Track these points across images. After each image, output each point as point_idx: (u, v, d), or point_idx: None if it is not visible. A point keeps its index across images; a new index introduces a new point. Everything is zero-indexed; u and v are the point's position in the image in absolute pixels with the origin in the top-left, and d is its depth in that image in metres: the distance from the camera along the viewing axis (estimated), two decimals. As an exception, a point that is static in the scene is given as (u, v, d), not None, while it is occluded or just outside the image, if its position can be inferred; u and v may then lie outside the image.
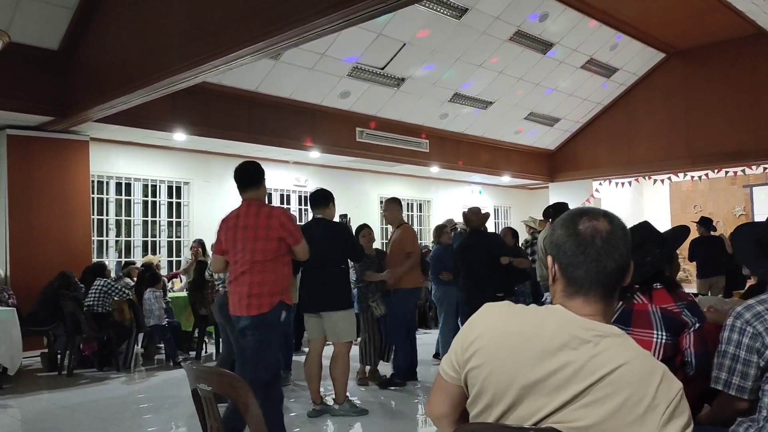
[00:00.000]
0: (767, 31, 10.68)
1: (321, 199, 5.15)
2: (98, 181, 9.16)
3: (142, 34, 6.53)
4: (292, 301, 4.15)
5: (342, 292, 5.04)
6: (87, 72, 7.35)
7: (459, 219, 9.62)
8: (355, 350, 5.53)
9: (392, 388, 6.05)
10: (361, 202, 12.28)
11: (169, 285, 8.60)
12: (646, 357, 1.33)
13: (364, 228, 6.58)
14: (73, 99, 7.43)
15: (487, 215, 6.82)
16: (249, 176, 4.00)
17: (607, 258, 1.37)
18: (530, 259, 7.79)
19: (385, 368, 6.37)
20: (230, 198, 6.31)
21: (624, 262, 1.40)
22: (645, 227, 2.77)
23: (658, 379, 1.27)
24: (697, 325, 2.46)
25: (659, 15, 10.30)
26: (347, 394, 5.13)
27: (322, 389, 5.21)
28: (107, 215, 9.36)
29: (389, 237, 6.74)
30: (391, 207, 6.43)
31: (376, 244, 7.56)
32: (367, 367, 6.31)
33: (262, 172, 4.04)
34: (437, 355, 7.35)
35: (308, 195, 5.19)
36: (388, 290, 6.16)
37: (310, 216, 11.12)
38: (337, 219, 5.69)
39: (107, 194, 9.35)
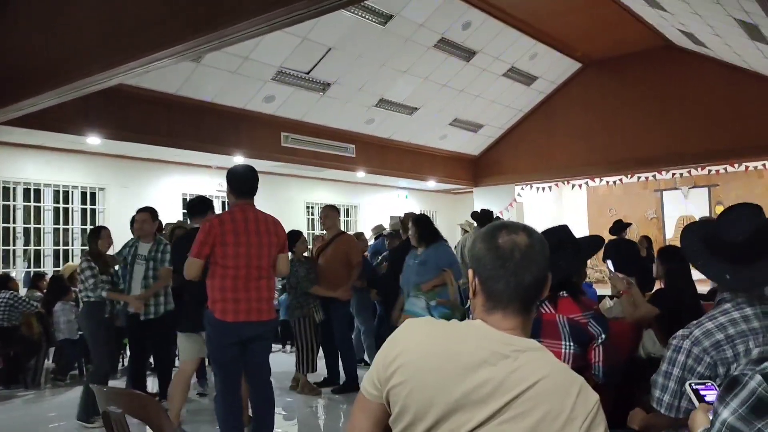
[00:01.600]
0: (675, 43, 11.29)
1: (199, 206, 4.91)
2: (4, 187, 8.64)
3: (54, 32, 6.18)
4: None
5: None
6: (-10, 72, 6.90)
7: (386, 224, 9.68)
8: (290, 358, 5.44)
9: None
10: (287, 208, 12.12)
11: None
12: (564, 371, 1.34)
13: (300, 236, 6.51)
14: (-25, 100, 6.97)
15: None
16: (257, 182, 4.07)
17: (524, 272, 1.37)
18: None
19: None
20: (149, 204, 6.07)
21: (542, 275, 1.41)
22: (562, 230, 2.82)
23: (576, 392, 1.29)
24: (603, 337, 2.51)
25: (575, 27, 10.69)
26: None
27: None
28: (14, 223, 8.83)
29: (321, 243, 6.64)
30: (332, 214, 6.45)
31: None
32: (301, 376, 6.27)
33: None
34: (361, 361, 7.36)
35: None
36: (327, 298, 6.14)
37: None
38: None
39: (15, 201, 8.83)
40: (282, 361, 8.13)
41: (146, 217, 5.55)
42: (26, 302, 6.90)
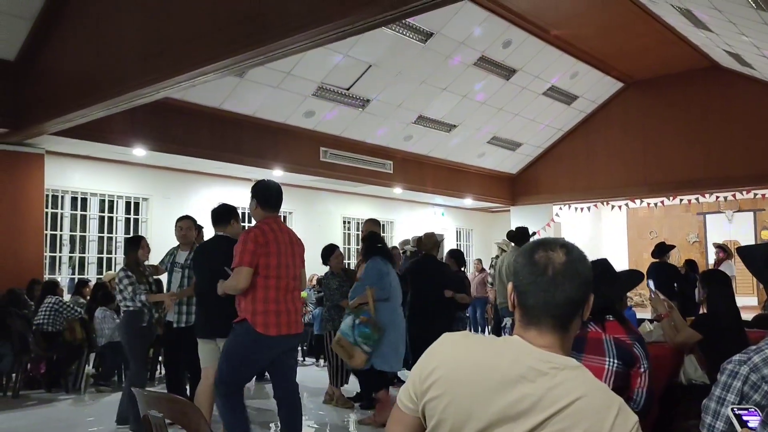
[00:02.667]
0: (720, 64, 11.09)
1: (224, 215, 4.81)
2: (53, 196, 8.92)
3: (104, 47, 6.41)
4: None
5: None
6: (44, 84, 7.18)
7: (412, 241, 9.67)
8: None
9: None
10: (323, 222, 12.23)
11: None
12: (603, 390, 1.33)
13: (335, 249, 6.53)
14: (28, 111, 7.24)
15: (437, 241, 6.87)
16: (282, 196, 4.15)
17: (556, 289, 1.36)
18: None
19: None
20: (191, 215, 6.19)
21: (577, 294, 1.37)
22: (601, 264, 2.82)
23: (615, 413, 1.28)
24: (646, 364, 2.55)
25: (617, 46, 10.60)
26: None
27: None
28: (61, 230, 9.11)
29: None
30: (373, 228, 6.40)
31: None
32: (335, 389, 6.27)
33: None
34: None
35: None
36: None
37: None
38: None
39: (62, 209, 9.11)
40: (314, 375, 8.15)
41: (190, 224, 5.64)
42: (71, 308, 7.07)
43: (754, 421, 1.59)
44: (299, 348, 9.72)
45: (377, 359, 5.37)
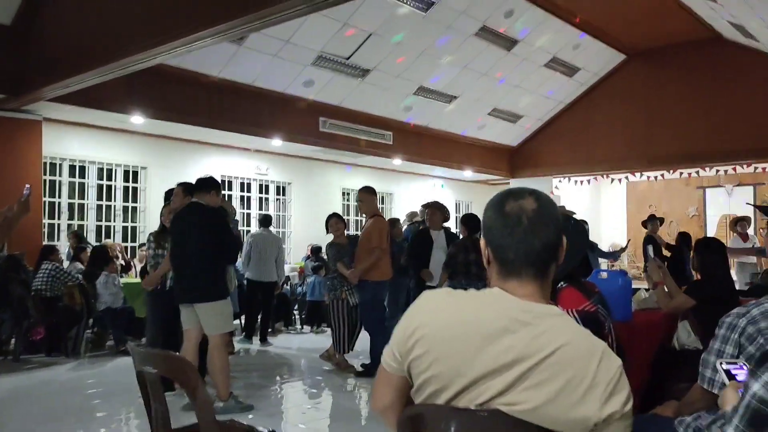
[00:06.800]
0: (723, 35, 10.97)
1: (208, 183, 4.88)
2: (51, 163, 8.90)
3: (100, 12, 6.34)
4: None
5: (213, 282, 4.69)
6: (41, 49, 7.11)
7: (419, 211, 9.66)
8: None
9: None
10: (322, 193, 12.22)
11: (124, 273, 8.42)
12: (586, 336, 1.34)
13: (333, 218, 6.55)
14: (25, 77, 7.19)
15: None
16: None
17: (534, 237, 1.36)
18: None
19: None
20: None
21: (552, 239, 1.38)
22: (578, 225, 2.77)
23: (598, 358, 1.29)
24: (610, 322, 2.38)
25: (620, 16, 10.47)
26: (231, 390, 4.79)
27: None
28: (59, 198, 9.10)
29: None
30: (367, 197, 6.34)
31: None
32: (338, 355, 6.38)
33: None
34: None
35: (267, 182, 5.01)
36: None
37: (271, 206, 10.98)
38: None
39: (60, 176, 9.10)
40: (313, 341, 8.23)
41: (179, 191, 5.59)
42: (68, 274, 7.11)
43: (742, 375, 1.60)
44: (297, 316, 9.82)
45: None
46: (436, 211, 6.91)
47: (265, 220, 8.43)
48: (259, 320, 8.17)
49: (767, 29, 9.10)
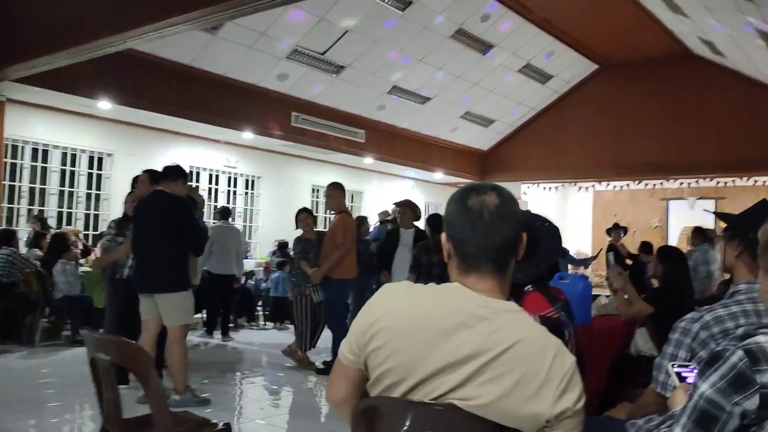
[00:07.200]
0: (693, 52, 11.21)
1: (175, 171, 4.79)
2: (12, 146, 8.66)
3: (70, -8, 6.19)
4: None
5: (175, 272, 4.60)
6: (6, 28, 6.90)
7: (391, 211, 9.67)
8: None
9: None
10: (292, 189, 12.13)
11: (83, 261, 8.21)
12: (541, 333, 1.34)
13: (303, 212, 6.50)
14: (-12, 55, 6.98)
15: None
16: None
17: (494, 232, 1.37)
18: None
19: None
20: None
21: (512, 235, 1.39)
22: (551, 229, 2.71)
23: (552, 355, 1.30)
24: (570, 329, 2.37)
25: (595, 28, 10.62)
26: (189, 383, 4.73)
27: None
28: (20, 182, 8.87)
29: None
30: (335, 193, 6.29)
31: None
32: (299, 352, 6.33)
33: None
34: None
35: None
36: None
37: (239, 199, 10.86)
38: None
39: (22, 160, 8.86)
40: (276, 338, 8.17)
41: (144, 178, 5.48)
42: (25, 260, 6.93)
43: (693, 377, 1.62)
44: (261, 312, 9.73)
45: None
46: (407, 209, 6.92)
47: (223, 213, 8.33)
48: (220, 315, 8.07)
49: (735, 46, 9.32)
